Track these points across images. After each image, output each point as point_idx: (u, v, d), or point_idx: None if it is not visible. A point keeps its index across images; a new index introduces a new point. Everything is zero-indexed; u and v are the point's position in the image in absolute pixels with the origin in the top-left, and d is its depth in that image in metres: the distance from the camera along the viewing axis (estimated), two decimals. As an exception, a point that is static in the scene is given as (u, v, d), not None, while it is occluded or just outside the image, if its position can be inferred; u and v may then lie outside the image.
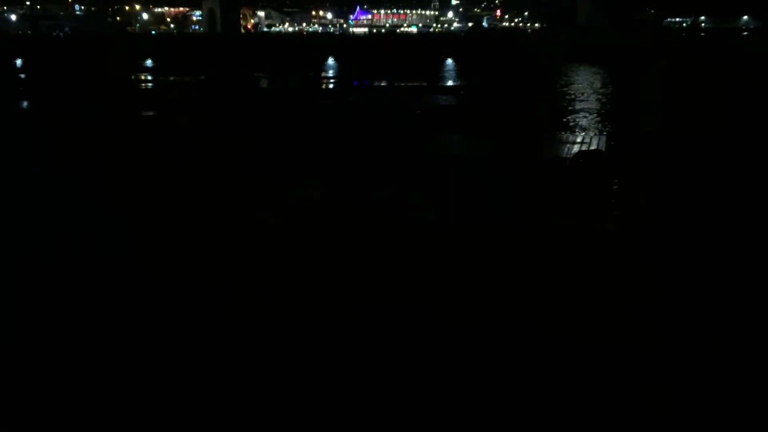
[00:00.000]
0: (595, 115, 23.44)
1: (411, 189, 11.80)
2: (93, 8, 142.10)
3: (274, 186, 12.07)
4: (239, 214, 10.52)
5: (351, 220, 10.02)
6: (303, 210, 10.59)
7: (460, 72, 49.76)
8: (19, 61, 59.29)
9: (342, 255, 8.55)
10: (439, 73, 47.65)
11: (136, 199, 11.54)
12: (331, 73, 51.92)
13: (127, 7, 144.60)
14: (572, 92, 31.74)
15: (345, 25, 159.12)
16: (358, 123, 21.64)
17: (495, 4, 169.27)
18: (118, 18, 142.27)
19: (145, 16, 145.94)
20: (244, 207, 10.94)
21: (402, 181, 12.56)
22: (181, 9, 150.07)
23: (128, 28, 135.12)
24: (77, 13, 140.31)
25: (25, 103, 29.44)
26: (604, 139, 17.78)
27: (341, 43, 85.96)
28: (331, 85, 40.46)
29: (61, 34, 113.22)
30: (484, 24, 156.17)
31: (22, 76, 47.69)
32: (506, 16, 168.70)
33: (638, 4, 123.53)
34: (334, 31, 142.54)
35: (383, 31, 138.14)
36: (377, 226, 9.64)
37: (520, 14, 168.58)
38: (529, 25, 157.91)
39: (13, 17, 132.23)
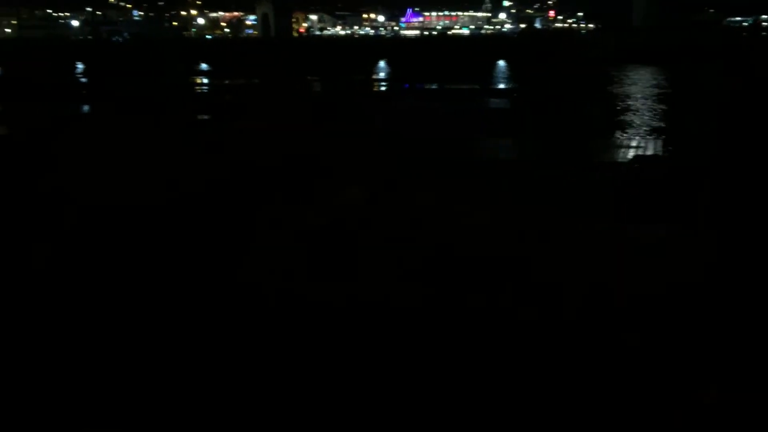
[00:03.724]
0: (646, 119, 22.91)
1: (461, 191, 11.73)
2: (151, 14, 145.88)
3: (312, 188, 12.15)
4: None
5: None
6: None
7: (511, 74, 49.35)
8: (81, 66, 61.28)
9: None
10: (490, 75, 47.37)
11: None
12: (382, 75, 52.13)
13: (183, 13, 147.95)
14: (623, 95, 31.15)
15: (396, 28, 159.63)
16: (408, 126, 21.67)
17: (548, 4, 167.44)
18: (174, 23, 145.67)
19: (200, 21, 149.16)
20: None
21: (457, 183, 12.50)
22: (236, 14, 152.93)
23: (184, 32, 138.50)
24: (135, 18, 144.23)
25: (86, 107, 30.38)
26: (660, 143, 17.39)
27: (392, 46, 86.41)
28: (382, 88, 40.63)
29: (120, 39, 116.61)
30: (537, 25, 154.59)
31: (84, 79, 49.32)
32: (560, 17, 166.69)
33: (697, 3, 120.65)
34: (385, 34, 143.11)
35: (434, 33, 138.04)
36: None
37: (573, 15, 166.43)
38: (583, 25, 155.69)
39: (75, 23, 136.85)
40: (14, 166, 14.98)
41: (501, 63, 60.45)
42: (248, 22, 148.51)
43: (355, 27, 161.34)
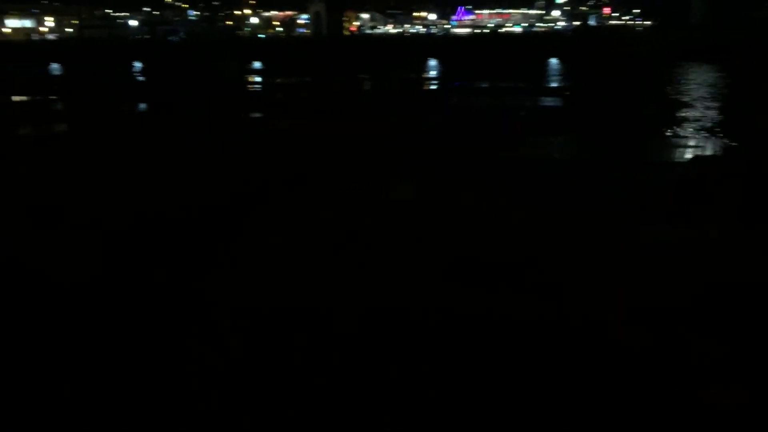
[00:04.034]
0: (703, 117, 22.27)
1: (513, 191, 11.63)
2: (206, 13, 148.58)
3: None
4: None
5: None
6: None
7: (564, 72, 48.65)
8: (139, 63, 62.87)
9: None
10: (542, 73, 46.78)
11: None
12: (433, 74, 52.01)
13: (237, 12, 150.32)
14: (678, 93, 30.38)
15: (447, 26, 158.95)
16: (459, 124, 21.58)
17: (603, 1, 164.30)
18: (229, 22, 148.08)
19: (254, 20, 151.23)
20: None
21: (510, 182, 12.38)
22: (288, 13, 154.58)
23: (238, 31, 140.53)
24: (191, 18, 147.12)
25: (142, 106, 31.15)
26: (719, 143, 16.91)
27: (443, 44, 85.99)
28: (432, 87, 40.52)
29: (176, 38, 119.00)
30: (591, 22, 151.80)
31: (142, 78, 50.60)
32: (615, 14, 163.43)
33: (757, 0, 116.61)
34: (436, 32, 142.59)
35: (485, 31, 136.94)
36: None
37: (629, 12, 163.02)
38: (639, 22, 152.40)
39: (133, 23, 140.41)
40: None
41: (553, 61, 59.69)
42: (300, 21, 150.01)
43: (406, 25, 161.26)
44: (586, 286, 7.39)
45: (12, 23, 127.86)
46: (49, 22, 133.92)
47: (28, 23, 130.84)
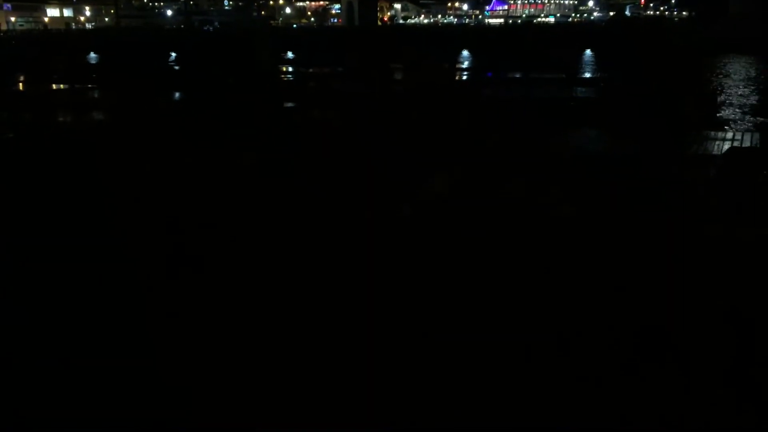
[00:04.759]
0: (740, 110, 21.94)
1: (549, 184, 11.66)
2: (240, 3, 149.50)
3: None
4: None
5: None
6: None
7: (597, 63, 48.14)
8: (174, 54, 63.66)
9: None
10: (575, 64, 46.37)
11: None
12: (465, 64, 51.83)
13: (271, 2, 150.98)
14: (715, 85, 29.93)
15: (480, 17, 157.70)
16: (490, 117, 21.48)
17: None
18: (263, 12, 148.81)
19: (287, 10, 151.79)
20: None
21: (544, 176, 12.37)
22: (321, 2, 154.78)
23: (272, 21, 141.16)
24: (226, 7, 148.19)
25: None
26: (757, 136, 16.67)
27: (476, 35, 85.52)
28: (464, 77, 40.44)
29: (210, 28, 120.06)
30: (627, 13, 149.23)
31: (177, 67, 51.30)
32: (651, 5, 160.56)
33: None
34: (469, 23, 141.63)
35: (519, 21, 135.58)
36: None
37: (666, 2, 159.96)
38: (675, 13, 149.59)
39: (169, 12, 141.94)
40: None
41: (588, 52, 59.05)
42: (333, 11, 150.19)
43: (439, 15, 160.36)
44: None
45: (52, 12, 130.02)
46: (87, 11, 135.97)
47: (67, 12, 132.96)
